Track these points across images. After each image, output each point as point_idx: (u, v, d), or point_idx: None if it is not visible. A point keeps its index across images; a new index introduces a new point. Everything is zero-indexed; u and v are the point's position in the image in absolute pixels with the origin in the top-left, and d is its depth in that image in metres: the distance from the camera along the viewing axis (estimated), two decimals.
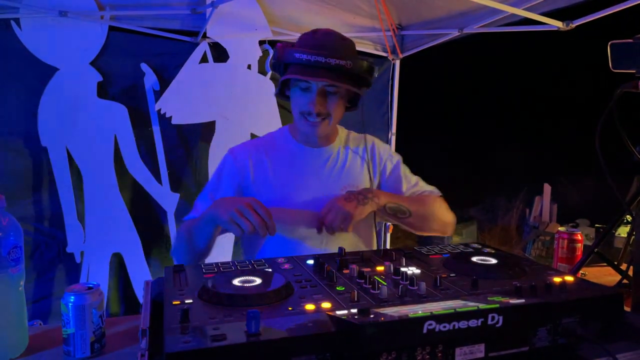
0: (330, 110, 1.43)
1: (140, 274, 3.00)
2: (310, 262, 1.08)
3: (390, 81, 3.63)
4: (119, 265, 2.97)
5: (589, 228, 6.16)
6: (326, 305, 0.81)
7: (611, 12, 2.29)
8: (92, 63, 2.81)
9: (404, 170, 1.64)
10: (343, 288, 0.91)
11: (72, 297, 0.88)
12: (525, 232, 6.94)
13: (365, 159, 1.58)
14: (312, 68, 1.35)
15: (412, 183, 1.62)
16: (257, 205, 1.21)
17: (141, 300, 2.97)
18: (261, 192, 1.48)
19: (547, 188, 7.02)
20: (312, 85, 1.39)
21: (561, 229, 1.52)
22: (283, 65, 1.43)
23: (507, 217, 7.38)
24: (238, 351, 0.66)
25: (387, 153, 1.65)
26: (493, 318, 0.72)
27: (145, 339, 0.75)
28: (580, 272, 1.40)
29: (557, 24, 2.49)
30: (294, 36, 3.18)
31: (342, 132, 1.64)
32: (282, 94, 1.54)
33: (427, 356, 0.73)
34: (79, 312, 0.88)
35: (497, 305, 0.73)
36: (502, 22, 2.86)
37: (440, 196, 1.62)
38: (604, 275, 1.51)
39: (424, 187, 1.64)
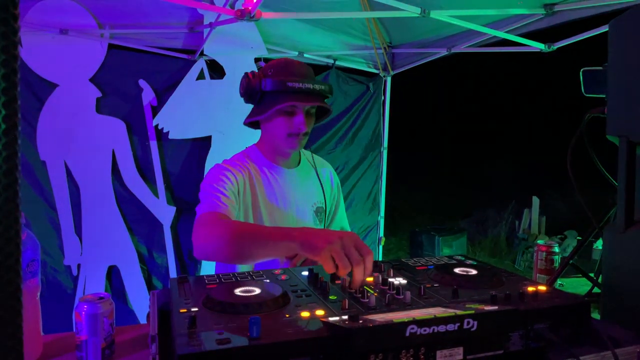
0: (309, 128, 1.59)
1: (136, 286, 3.05)
2: (305, 273, 1.16)
3: (381, 97, 3.75)
4: (115, 278, 3.03)
5: (576, 240, 6.29)
6: (320, 312, 0.89)
7: (588, 36, 2.43)
8: (92, 79, 2.89)
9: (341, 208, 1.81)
10: (335, 297, 0.99)
11: (86, 306, 0.95)
12: (514, 244, 7.06)
13: (324, 181, 1.73)
14: (303, 94, 1.48)
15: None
16: (360, 244, 1.03)
17: (137, 312, 3.03)
18: (248, 207, 1.56)
19: (535, 201, 7.17)
20: (298, 108, 1.51)
21: (540, 242, 1.61)
22: (261, 94, 1.52)
23: (496, 229, 7.49)
24: (241, 353, 0.74)
25: (338, 184, 1.82)
26: (468, 323, 0.80)
27: (155, 344, 0.82)
28: (558, 282, 1.48)
29: (539, 45, 2.62)
30: (288, 54, 3.28)
31: (306, 154, 1.77)
32: (251, 122, 1.63)
33: (411, 358, 0.81)
34: (91, 320, 0.95)
35: (473, 312, 0.82)
36: (489, 42, 2.99)
37: None
38: (581, 285, 1.61)
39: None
